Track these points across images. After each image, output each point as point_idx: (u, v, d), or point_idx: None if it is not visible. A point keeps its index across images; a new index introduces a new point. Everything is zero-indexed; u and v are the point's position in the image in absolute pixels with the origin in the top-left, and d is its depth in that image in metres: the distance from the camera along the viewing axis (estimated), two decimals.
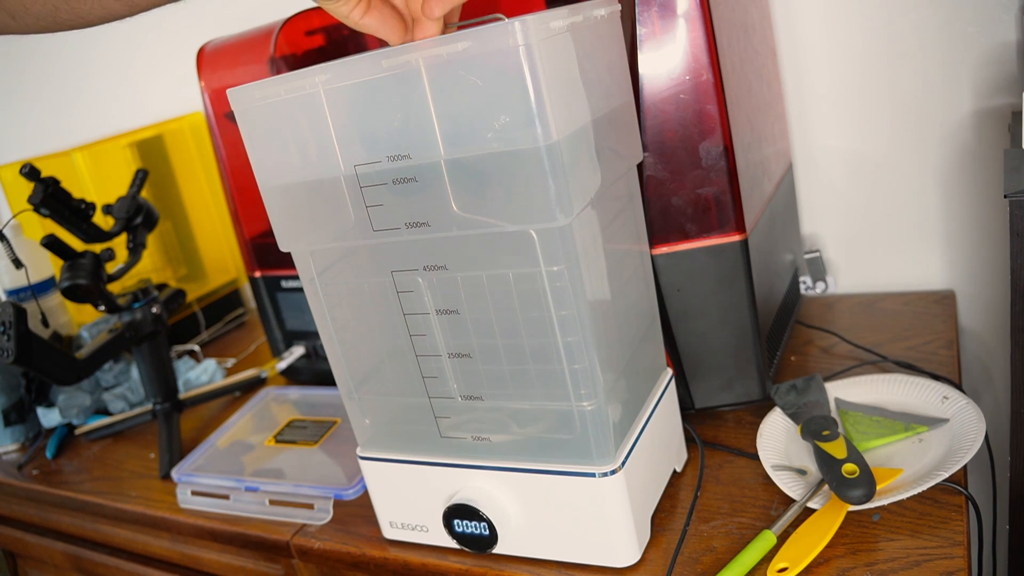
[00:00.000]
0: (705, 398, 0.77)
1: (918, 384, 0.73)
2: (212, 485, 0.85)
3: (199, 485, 0.86)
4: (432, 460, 0.64)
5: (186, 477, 0.87)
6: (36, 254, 1.16)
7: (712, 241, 0.71)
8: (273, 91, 0.56)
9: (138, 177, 1.01)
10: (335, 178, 0.57)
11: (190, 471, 0.88)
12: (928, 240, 0.97)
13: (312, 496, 0.79)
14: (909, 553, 0.57)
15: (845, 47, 0.94)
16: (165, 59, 1.45)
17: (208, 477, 0.86)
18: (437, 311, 0.59)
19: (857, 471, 0.60)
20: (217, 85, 0.98)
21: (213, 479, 0.85)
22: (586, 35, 0.55)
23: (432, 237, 0.55)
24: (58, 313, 1.22)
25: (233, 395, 1.11)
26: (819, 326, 0.93)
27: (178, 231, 1.37)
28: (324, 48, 0.93)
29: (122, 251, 1.02)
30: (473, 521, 0.62)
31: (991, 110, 0.89)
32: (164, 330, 1.01)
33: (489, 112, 0.50)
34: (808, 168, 1.01)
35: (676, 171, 0.70)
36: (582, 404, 0.57)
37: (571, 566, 0.63)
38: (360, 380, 0.66)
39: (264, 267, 1.04)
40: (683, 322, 0.74)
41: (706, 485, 0.69)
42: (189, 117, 1.39)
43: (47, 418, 1.09)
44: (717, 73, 0.67)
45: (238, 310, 1.43)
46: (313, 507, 0.78)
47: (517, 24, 0.47)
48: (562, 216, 0.51)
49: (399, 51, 0.51)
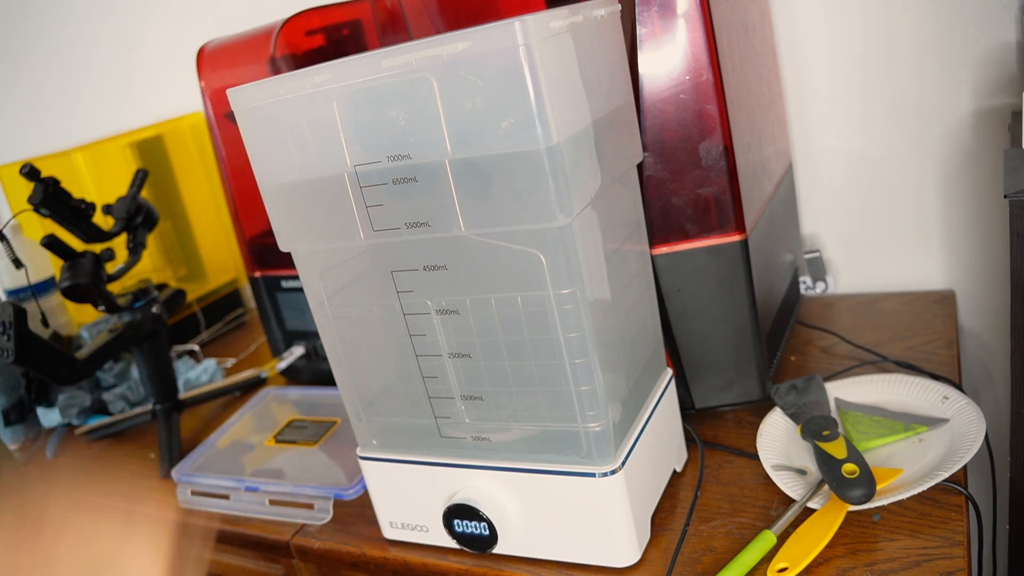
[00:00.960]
0: (705, 398, 0.77)
1: (918, 384, 0.73)
2: (212, 485, 0.85)
3: (199, 485, 0.86)
4: (432, 460, 0.64)
5: (186, 477, 0.87)
6: (36, 254, 1.16)
7: (712, 241, 0.71)
8: (273, 91, 0.56)
9: (138, 177, 1.01)
10: (335, 178, 0.57)
11: (190, 471, 0.88)
12: (928, 240, 0.97)
13: (312, 496, 0.79)
14: (909, 553, 0.57)
15: (845, 47, 0.94)
16: (165, 59, 1.45)
17: (208, 477, 0.86)
18: (438, 311, 0.59)
19: (857, 471, 0.60)
20: (217, 85, 0.98)
21: (213, 479, 0.85)
22: (586, 35, 0.55)
23: (432, 237, 0.55)
24: (58, 313, 1.22)
25: (233, 395, 1.11)
26: (819, 326, 0.93)
27: (178, 231, 1.37)
28: (324, 48, 0.93)
29: (122, 251, 1.02)
30: (473, 521, 0.62)
31: (991, 110, 0.89)
32: (164, 330, 1.01)
33: (489, 112, 0.50)
34: (808, 168, 1.01)
35: (676, 171, 0.70)
36: (585, 409, 0.57)
37: (571, 566, 0.63)
38: (361, 380, 0.66)
39: (264, 267, 1.04)
40: (683, 322, 0.74)
41: (706, 485, 0.69)
42: (189, 117, 1.39)
43: (47, 418, 1.09)
44: (717, 73, 0.67)
45: (238, 310, 1.43)
46: (313, 507, 0.78)
47: (517, 24, 0.47)
48: (562, 216, 0.51)
49: (399, 51, 0.51)
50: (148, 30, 1.45)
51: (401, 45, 0.52)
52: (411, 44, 0.51)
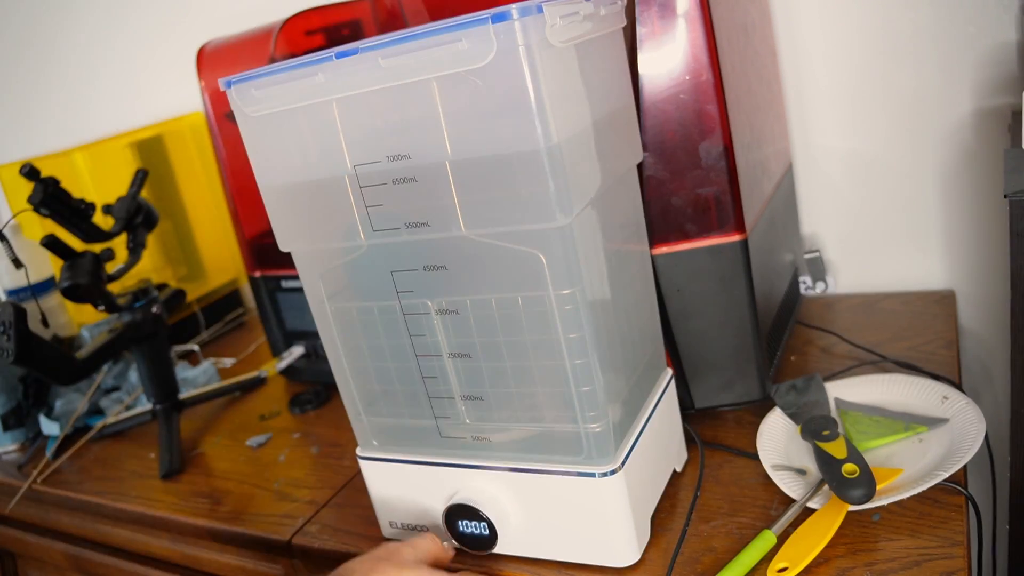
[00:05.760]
0: (705, 398, 0.77)
1: (918, 384, 0.73)
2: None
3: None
4: (432, 460, 0.64)
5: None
6: (36, 254, 1.16)
7: (712, 241, 0.71)
8: (274, 96, 0.56)
9: (138, 177, 1.01)
10: (335, 178, 0.57)
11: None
12: (928, 240, 0.97)
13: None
14: (909, 553, 0.57)
15: (845, 47, 0.94)
16: (165, 59, 1.45)
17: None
18: (438, 311, 0.59)
19: (857, 471, 0.60)
20: (217, 85, 0.98)
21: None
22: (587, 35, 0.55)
23: (432, 237, 0.55)
24: (58, 313, 1.22)
25: (233, 395, 1.11)
26: (819, 326, 0.93)
27: (178, 231, 1.37)
28: (324, 48, 0.93)
29: (122, 251, 1.02)
30: (473, 521, 0.62)
31: (991, 110, 0.89)
32: (164, 330, 1.01)
33: (489, 112, 0.50)
34: (808, 168, 1.01)
35: (676, 171, 0.70)
36: (585, 409, 0.57)
37: (571, 566, 0.63)
38: (361, 380, 0.66)
39: (264, 267, 1.04)
40: (683, 322, 0.74)
41: (706, 485, 0.69)
42: (189, 117, 1.39)
43: (48, 427, 1.08)
44: (717, 73, 0.67)
45: (238, 310, 1.43)
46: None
47: (517, 24, 0.47)
48: (562, 216, 0.51)
49: (399, 51, 0.50)
50: (148, 30, 1.45)
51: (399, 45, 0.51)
52: (409, 44, 0.50)
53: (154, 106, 1.49)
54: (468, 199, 0.53)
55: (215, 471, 0.92)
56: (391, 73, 0.51)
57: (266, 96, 0.57)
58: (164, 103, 1.47)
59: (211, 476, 0.91)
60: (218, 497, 0.86)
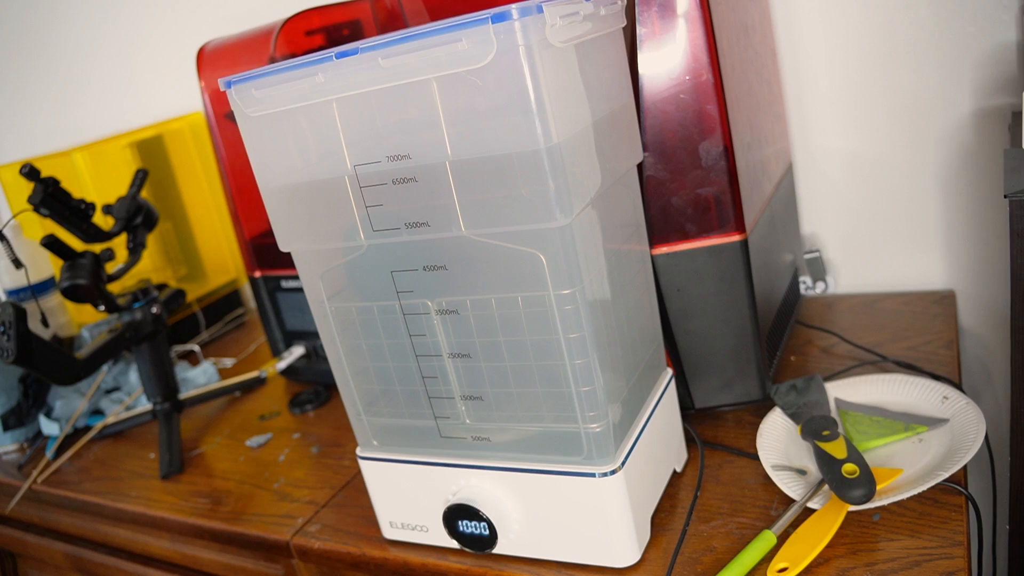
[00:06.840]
0: (705, 398, 0.77)
1: (918, 384, 0.73)
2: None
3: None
4: (432, 460, 0.64)
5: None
6: (36, 254, 1.16)
7: (712, 241, 0.71)
8: (275, 96, 0.56)
9: (138, 177, 1.01)
10: (335, 178, 0.57)
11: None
12: (928, 240, 0.97)
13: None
14: (909, 553, 0.57)
15: (845, 47, 0.94)
16: (165, 59, 1.45)
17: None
18: (437, 311, 0.59)
19: (857, 471, 0.60)
20: (217, 85, 0.98)
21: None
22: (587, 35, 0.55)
23: (432, 237, 0.55)
24: (58, 313, 1.22)
25: (233, 395, 1.11)
26: (819, 326, 0.93)
27: (178, 231, 1.37)
28: (324, 48, 0.93)
29: (122, 251, 1.02)
30: (473, 521, 0.62)
31: (991, 110, 0.89)
32: (164, 330, 1.01)
33: (489, 112, 0.50)
34: (808, 168, 1.01)
35: (676, 171, 0.70)
36: (585, 409, 0.57)
37: (571, 566, 0.63)
38: (361, 380, 0.66)
39: (264, 267, 1.04)
40: (683, 322, 0.74)
41: (706, 485, 0.69)
42: (189, 117, 1.39)
43: (48, 427, 1.08)
44: (717, 73, 0.67)
45: (238, 310, 1.43)
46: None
47: (517, 24, 0.47)
48: (562, 216, 0.51)
49: (399, 51, 0.50)
50: (148, 30, 1.45)
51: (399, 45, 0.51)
52: (409, 44, 0.51)
53: (154, 106, 1.49)
54: (468, 199, 0.53)
55: (215, 471, 0.92)
56: (391, 73, 0.51)
57: (266, 96, 0.57)
58: (164, 103, 1.47)
59: (211, 476, 0.91)
60: (218, 497, 0.86)
